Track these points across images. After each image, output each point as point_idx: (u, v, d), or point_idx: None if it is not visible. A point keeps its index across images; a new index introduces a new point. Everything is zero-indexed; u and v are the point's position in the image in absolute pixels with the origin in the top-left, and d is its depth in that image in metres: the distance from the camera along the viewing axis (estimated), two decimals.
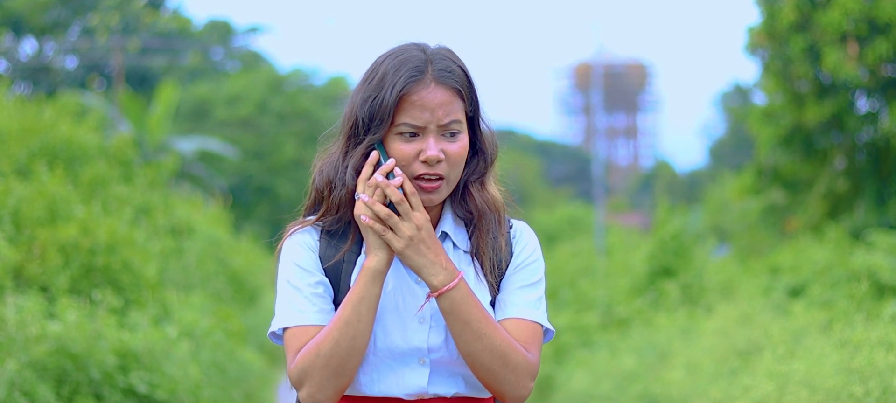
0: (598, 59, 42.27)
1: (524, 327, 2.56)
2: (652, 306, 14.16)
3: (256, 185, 40.96)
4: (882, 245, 12.06)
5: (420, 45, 2.53)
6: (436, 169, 2.49)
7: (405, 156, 2.48)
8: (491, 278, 2.58)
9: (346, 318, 2.46)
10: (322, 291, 2.56)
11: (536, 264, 2.62)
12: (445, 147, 2.49)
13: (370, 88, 2.50)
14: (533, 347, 2.54)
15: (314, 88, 43.70)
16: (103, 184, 11.82)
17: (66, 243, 8.54)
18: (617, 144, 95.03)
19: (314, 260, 2.58)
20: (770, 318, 9.97)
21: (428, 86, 2.47)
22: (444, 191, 2.52)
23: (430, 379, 2.54)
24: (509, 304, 2.57)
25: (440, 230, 2.59)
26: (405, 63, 2.48)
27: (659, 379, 9.65)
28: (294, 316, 2.55)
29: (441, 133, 2.49)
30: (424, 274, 2.45)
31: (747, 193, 21.07)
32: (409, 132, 2.48)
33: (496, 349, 2.47)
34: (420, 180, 2.49)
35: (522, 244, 2.63)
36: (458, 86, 2.50)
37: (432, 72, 2.48)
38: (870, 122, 17.82)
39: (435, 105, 2.47)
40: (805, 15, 16.99)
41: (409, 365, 2.53)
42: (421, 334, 2.53)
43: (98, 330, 7.32)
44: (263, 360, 13.47)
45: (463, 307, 2.46)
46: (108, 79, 37.16)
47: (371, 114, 2.48)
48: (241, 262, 15.97)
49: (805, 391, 5.86)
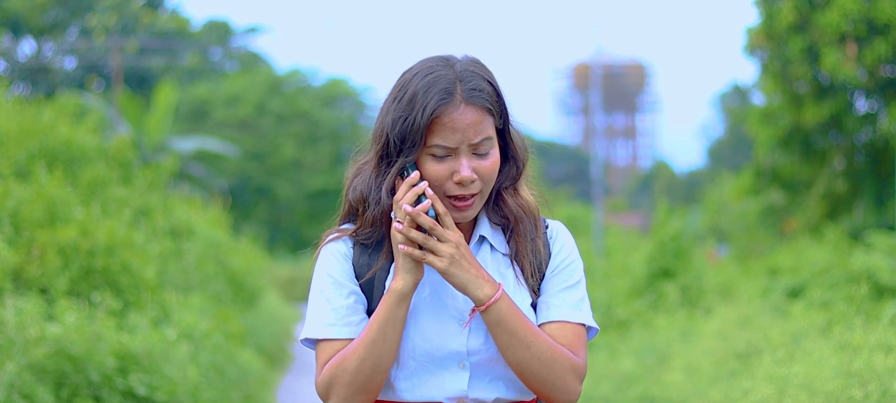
0: (597, 60, 42.28)
1: (569, 329, 2.57)
2: (651, 308, 14.16)
3: (255, 186, 40.95)
4: (881, 246, 12.06)
5: (448, 61, 2.54)
6: (469, 188, 2.51)
7: (438, 176, 2.50)
8: (531, 281, 2.59)
9: (371, 338, 2.49)
10: (353, 302, 2.58)
11: (575, 264, 2.64)
12: (477, 165, 2.50)
13: (400, 108, 2.51)
14: (579, 349, 2.56)
15: (313, 89, 43.69)
16: (102, 185, 11.81)
17: (66, 245, 8.53)
18: (616, 145, 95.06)
19: (348, 270, 2.60)
20: (769, 320, 9.97)
21: (458, 107, 2.48)
22: (477, 206, 2.54)
23: (471, 383, 2.54)
24: (552, 306, 2.59)
25: (478, 234, 2.61)
26: (435, 84, 2.49)
27: (658, 381, 9.66)
28: (324, 329, 2.57)
29: (472, 152, 2.50)
30: (470, 288, 2.47)
31: (746, 194, 21.08)
32: (440, 154, 2.49)
33: (544, 356, 2.49)
34: (454, 199, 2.52)
35: (560, 244, 2.65)
36: (487, 105, 2.51)
37: (462, 93, 2.49)
38: (868, 123, 17.83)
39: (466, 126, 2.48)
40: (804, 16, 17.00)
41: (448, 369, 2.54)
42: (460, 337, 2.54)
43: (97, 332, 7.31)
44: (263, 362, 13.46)
45: (508, 317, 2.48)
46: (107, 80, 37.18)
47: (402, 135, 2.50)
48: (240, 264, 15.93)
49: (804, 394, 5.86)
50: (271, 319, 17.29)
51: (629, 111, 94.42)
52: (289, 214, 41.41)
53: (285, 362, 15.87)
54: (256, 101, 41.30)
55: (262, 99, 41.48)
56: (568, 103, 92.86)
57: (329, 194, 40.73)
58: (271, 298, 20.21)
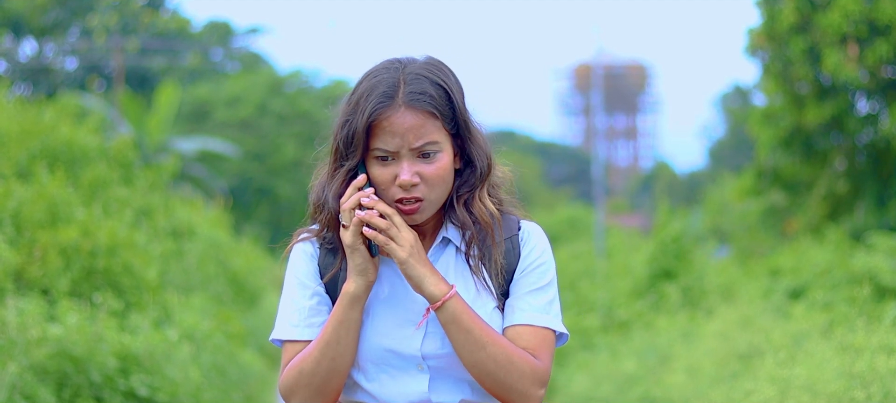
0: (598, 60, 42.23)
1: (532, 333, 2.54)
2: (652, 308, 14.16)
3: (256, 187, 40.96)
4: (882, 247, 12.06)
5: (399, 63, 2.53)
6: (412, 192, 2.49)
7: (382, 180, 2.50)
8: (496, 283, 2.56)
9: (326, 340, 2.50)
10: (316, 303, 2.60)
11: (544, 267, 2.60)
12: (421, 169, 2.48)
13: (347, 111, 2.52)
14: (541, 352, 2.52)
15: (314, 90, 43.69)
16: (104, 186, 11.82)
17: (67, 245, 8.54)
18: (617, 145, 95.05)
19: (314, 270, 2.61)
20: (770, 321, 9.97)
21: (397, 110, 2.46)
22: (426, 211, 2.52)
23: (432, 386, 2.53)
24: (517, 310, 2.56)
25: (441, 236, 2.59)
26: (376, 87, 2.48)
27: (660, 382, 9.65)
28: (288, 330, 2.60)
29: (416, 155, 2.48)
30: (425, 284, 2.46)
31: (747, 195, 21.07)
32: (383, 156, 2.48)
33: (500, 357, 2.47)
34: (400, 203, 2.50)
35: (530, 246, 2.61)
36: (430, 108, 2.47)
37: (402, 96, 2.46)
38: (870, 124, 17.82)
39: (405, 130, 2.46)
40: (805, 16, 16.99)
41: (408, 372, 2.53)
42: (415, 341, 2.53)
43: (99, 333, 7.32)
44: (264, 362, 13.46)
45: (462, 316, 2.46)
46: (108, 80, 37.18)
47: (346, 139, 2.50)
48: (241, 264, 15.96)
49: (807, 395, 5.86)
50: (272, 320, 17.26)
51: (630, 112, 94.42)
52: (290, 215, 41.42)
53: None
54: (258, 102, 41.30)
55: (263, 99, 41.48)
56: (569, 104, 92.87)
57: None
58: (272, 298, 20.21)
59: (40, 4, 36.57)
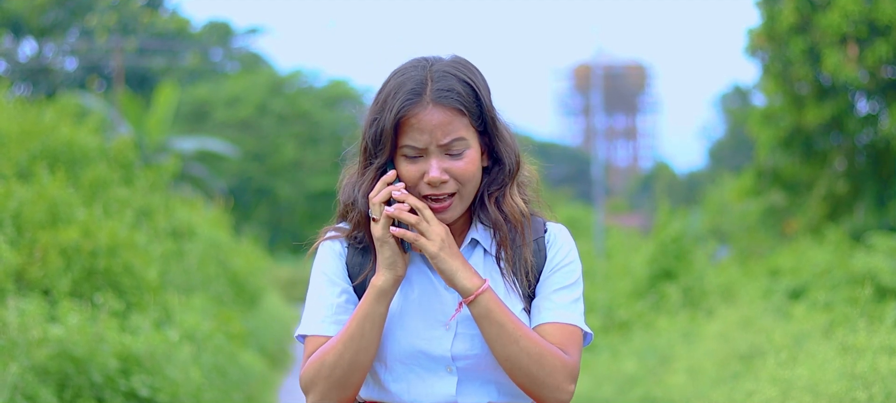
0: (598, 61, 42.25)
1: (560, 330, 2.54)
2: (653, 309, 14.17)
3: (256, 187, 40.96)
4: (882, 247, 12.07)
5: (426, 61, 2.53)
6: (442, 189, 2.49)
7: (411, 177, 2.50)
8: (523, 286, 2.56)
9: (350, 334, 2.49)
10: (344, 301, 2.59)
11: (571, 266, 2.60)
12: (450, 166, 2.48)
13: (374, 110, 2.53)
14: (571, 348, 2.53)
15: (314, 90, 43.69)
16: (104, 186, 11.81)
17: (68, 246, 8.53)
18: (616, 145, 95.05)
19: (341, 268, 2.61)
20: (771, 321, 9.97)
21: (426, 107, 2.47)
22: (456, 208, 2.52)
23: (459, 388, 2.53)
24: (544, 309, 2.56)
25: (470, 237, 2.59)
26: (404, 85, 2.49)
27: (660, 383, 9.66)
28: (314, 326, 2.59)
29: (444, 152, 2.48)
30: (458, 277, 2.46)
31: (747, 195, 21.09)
32: (412, 155, 2.49)
33: (533, 351, 2.47)
34: (428, 200, 2.50)
35: (556, 247, 2.61)
36: (458, 105, 2.48)
37: (430, 93, 2.47)
38: (870, 124, 17.84)
39: (433, 127, 2.46)
40: (805, 17, 17.00)
41: (436, 374, 2.53)
42: (445, 342, 2.52)
43: (100, 334, 7.32)
44: (264, 363, 13.46)
45: (496, 310, 2.46)
46: (108, 81, 37.18)
47: (374, 137, 2.52)
48: (241, 264, 15.94)
49: (808, 396, 5.86)
50: (272, 320, 17.29)
51: (630, 112, 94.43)
52: (289, 215, 41.42)
53: (287, 363, 15.87)
54: (257, 102, 41.30)
55: (262, 99, 41.48)
56: (569, 104, 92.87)
57: (330, 195, 40.52)
58: (272, 299, 20.21)
59: (40, 5, 36.58)
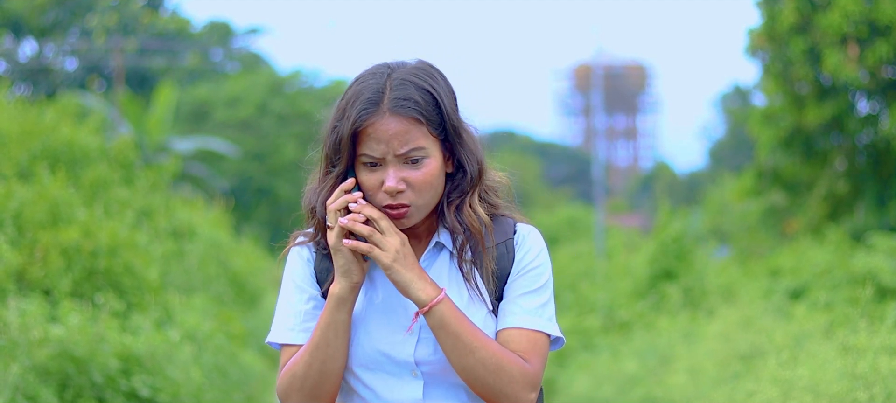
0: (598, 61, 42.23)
1: (523, 336, 2.52)
2: (653, 309, 14.16)
3: (256, 187, 40.96)
4: (882, 247, 12.07)
5: (388, 68, 2.51)
6: (399, 198, 2.48)
7: (370, 186, 2.49)
8: (489, 288, 2.54)
9: (315, 343, 2.49)
10: (311, 308, 2.59)
11: (538, 269, 2.57)
12: (407, 175, 2.47)
13: (335, 117, 2.53)
14: (532, 356, 2.50)
15: (315, 90, 43.69)
16: (105, 186, 11.82)
17: (68, 246, 8.54)
18: (617, 146, 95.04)
19: (310, 274, 2.62)
20: (771, 321, 9.97)
21: (382, 116, 2.45)
22: (413, 216, 2.51)
23: (426, 392, 2.52)
24: (508, 313, 2.54)
25: (435, 241, 2.57)
26: (362, 93, 2.48)
27: (661, 383, 9.65)
28: (283, 334, 2.60)
29: (402, 161, 2.47)
30: (412, 288, 2.44)
31: (747, 195, 21.09)
32: (370, 162, 2.48)
33: (490, 362, 2.45)
34: (388, 208, 2.49)
35: (524, 249, 2.58)
36: (415, 114, 2.46)
37: (387, 102, 2.46)
38: (870, 124, 17.84)
39: (390, 136, 2.45)
40: (805, 17, 17.00)
41: (401, 378, 2.52)
42: (408, 347, 2.52)
43: (100, 334, 7.33)
44: (265, 363, 13.46)
45: (451, 321, 2.44)
46: (108, 81, 37.18)
47: (333, 145, 2.52)
48: (242, 264, 15.96)
49: (809, 396, 5.86)
50: (272, 320, 17.28)
51: (630, 112, 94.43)
52: (290, 215, 41.24)
53: None
54: (258, 102, 41.30)
55: (263, 99, 41.48)
56: (569, 104, 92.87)
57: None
58: (273, 299, 20.20)
59: (40, 5, 36.58)
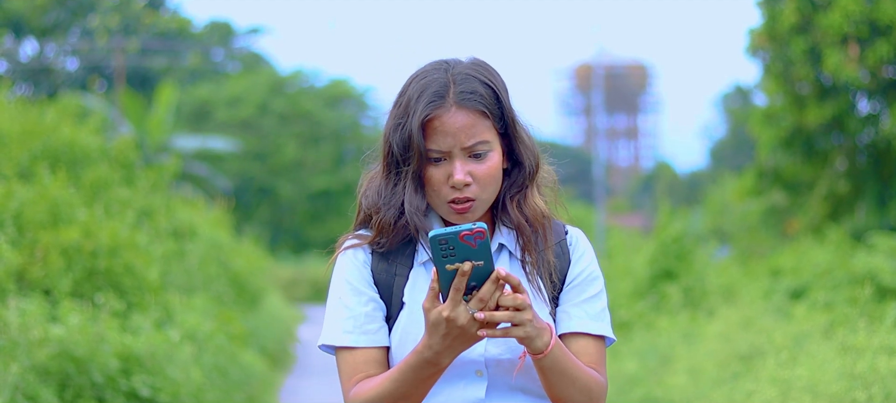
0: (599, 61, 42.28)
1: (591, 344, 2.55)
2: (653, 309, 14.15)
3: (257, 187, 40.97)
4: (883, 247, 12.07)
5: (447, 64, 2.53)
6: (465, 192, 2.48)
7: (436, 180, 2.49)
8: (547, 288, 2.55)
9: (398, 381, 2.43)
10: (372, 310, 2.54)
11: (596, 273, 2.60)
12: (473, 169, 2.47)
13: (397, 115, 2.51)
14: (602, 367, 2.55)
15: (316, 90, 43.69)
16: (105, 186, 11.82)
17: (69, 246, 8.55)
18: (617, 145, 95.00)
19: (367, 277, 2.57)
20: (772, 322, 9.97)
21: (449, 110, 2.46)
22: (477, 210, 2.50)
23: (488, 392, 2.50)
24: (574, 317, 2.55)
25: (497, 242, 2.57)
26: (427, 88, 2.48)
27: (661, 383, 9.65)
28: (342, 337, 2.53)
29: (468, 155, 2.48)
30: (534, 344, 2.38)
31: (748, 195, 21.10)
32: (436, 158, 2.48)
33: (584, 388, 2.47)
34: (453, 203, 2.49)
35: (580, 252, 2.61)
36: (481, 108, 2.48)
37: (453, 96, 2.47)
38: (871, 124, 17.85)
39: (457, 129, 2.46)
40: (806, 17, 17.01)
41: (465, 377, 2.49)
42: (479, 345, 2.48)
43: (101, 334, 7.33)
44: (266, 363, 13.46)
45: (560, 360, 2.43)
46: (109, 81, 37.19)
47: (401, 143, 2.50)
48: (242, 265, 15.94)
49: (808, 396, 5.87)
50: (274, 320, 17.29)
51: (631, 112, 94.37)
52: (291, 215, 41.42)
53: (288, 363, 15.88)
54: (258, 102, 41.32)
55: (264, 99, 41.50)
56: (570, 104, 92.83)
57: (331, 194, 40.74)
58: (273, 299, 20.21)
59: (41, 5, 36.60)
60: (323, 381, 13.08)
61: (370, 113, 44.11)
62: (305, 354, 16.81)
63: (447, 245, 2.29)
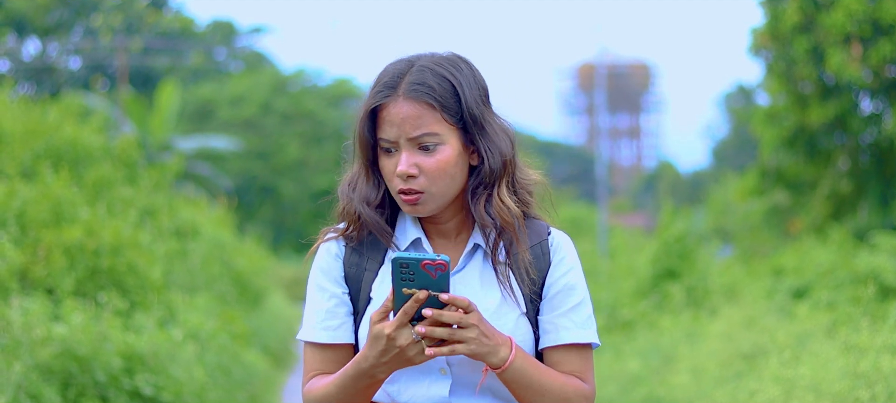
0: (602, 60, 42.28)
1: (577, 354, 2.53)
2: (656, 308, 14.15)
3: (260, 186, 40.99)
4: (886, 246, 12.07)
5: (415, 58, 2.53)
6: (411, 184, 2.47)
7: (387, 171, 2.51)
8: (523, 289, 2.53)
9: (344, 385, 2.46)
10: (334, 306, 2.56)
11: (581, 280, 2.58)
12: (420, 161, 2.46)
13: (360, 104, 2.55)
14: (588, 374, 2.53)
15: (318, 89, 43.71)
16: (108, 185, 11.83)
17: (72, 245, 8.55)
18: (620, 145, 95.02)
19: (336, 270, 2.59)
20: (774, 321, 9.97)
21: (397, 101, 2.47)
22: (427, 203, 2.49)
23: (453, 391, 2.49)
24: (561, 328, 2.53)
25: (472, 242, 2.55)
26: (382, 78, 2.51)
27: (664, 383, 9.65)
28: (306, 332, 2.58)
29: (415, 146, 2.47)
30: (488, 360, 2.39)
31: (750, 194, 21.09)
32: (386, 147, 2.49)
33: (559, 398, 2.47)
34: (401, 193, 2.49)
35: (561, 256, 2.58)
36: (430, 99, 2.46)
37: (404, 87, 2.47)
38: (873, 124, 17.84)
39: (401, 119, 2.45)
40: (809, 16, 17.00)
41: (429, 376, 2.49)
42: None
43: (103, 333, 7.33)
44: (268, 362, 13.47)
45: (522, 374, 2.43)
46: (112, 80, 37.19)
47: (356, 132, 2.55)
48: (245, 264, 15.95)
49: (811, 395, 5.86)
50: (276, 319, 17.30)
51: (633, 111, 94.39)
52: (293, 214, 41.44)
53: (290, 362, 15.88)
54: (261, 101, 41.33)
55: (266, 98, 41.51)
56: (572, 103, 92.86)
57: (334, 194, 40.73)
58: (276, 298, 20.22)
59: (43, 4, 36.60)
60: None
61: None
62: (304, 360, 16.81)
63: (408, 270, 2.30)
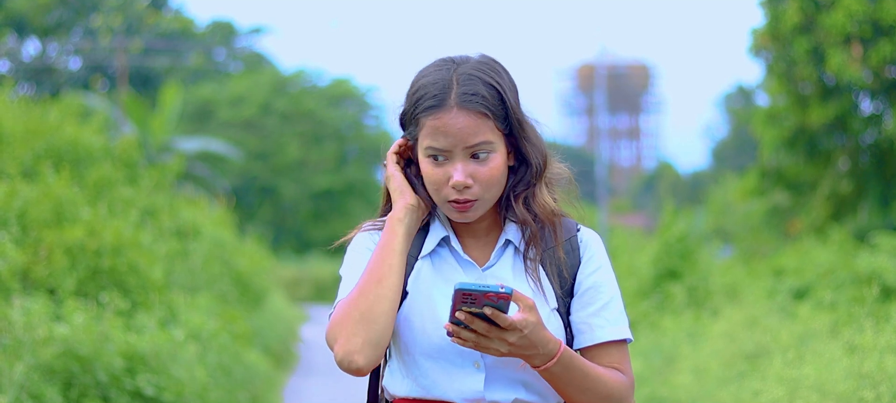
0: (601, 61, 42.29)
1: (615, 349, 2.55)
2: (658, 309, 14.15)
3: (260, 186, 40.98)
4: (886, 247, 12.07)
5: (453, 63, 2.52)
6: (465, 194, 2.48)
7: (435, 179, 2.49)
8: (555, 284, 2.54)
9: (370, 267, 2.46)
10: None
11: (610, 276, 2.59)
12: (474, 170, 2.47)
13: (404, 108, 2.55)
14: (626, 365, 2.55)
15: (318, 89, 43.70)
16: (109, 185, 11.82)
17: (73, 245, 8.55)
18: (620, 145, 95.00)
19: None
20: (776, 321, 9.96)
21: (450, 111, 2.45)
22: (478, 210, 2.50)
23: (487, 384, 2.49)
24: (596, 328, 2.55)
25: (504, 238, 2.57)
26: (430, 87, 2.49)
27: (666, 383, 9.65)
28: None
29: (469, 155, 2.47)
30: (530, 361, 2.41)
31: (750, 195, 21.09)
32: (435, 155, 2.48)
33: (604, 392, 2.48)
34: (454, 203, 2.49)
35: (591, 253, 2.59)
36: (483, 109, 2.46)
37: (455, 97, 2.46)
38: (873, 124, 17.84)
39: (457, 130, 2.45)
40: (809, 17, 17.00)
41: (463, 369, 2.49)
42: None
43: (105, 333, 7.33)
44: (269, 362, 13.46)
45: (566, 371, 2.44)
46: (112, 80, 37.18)
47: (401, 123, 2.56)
48: (246, 264, 15.93)
49: (815, 395, 5.86)
50: (277, 320, 17.30)
51: (633, 112, 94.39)
52: (293, 214, 41.44)
53: (291, 363, 15.88)
54: (261, 101, 41.33)
55: (266, 99, 41.52)
56: (572, 104, 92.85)
57: (334, 194, 40.77)
58: (276, 298, 20.21)
59: (43, 4, 36.60)
60: (326, 381, 13.08)
61: (373, 112, 44.13)
62: (309, 354, 16.82)
63: (470, 298, 2.31)
